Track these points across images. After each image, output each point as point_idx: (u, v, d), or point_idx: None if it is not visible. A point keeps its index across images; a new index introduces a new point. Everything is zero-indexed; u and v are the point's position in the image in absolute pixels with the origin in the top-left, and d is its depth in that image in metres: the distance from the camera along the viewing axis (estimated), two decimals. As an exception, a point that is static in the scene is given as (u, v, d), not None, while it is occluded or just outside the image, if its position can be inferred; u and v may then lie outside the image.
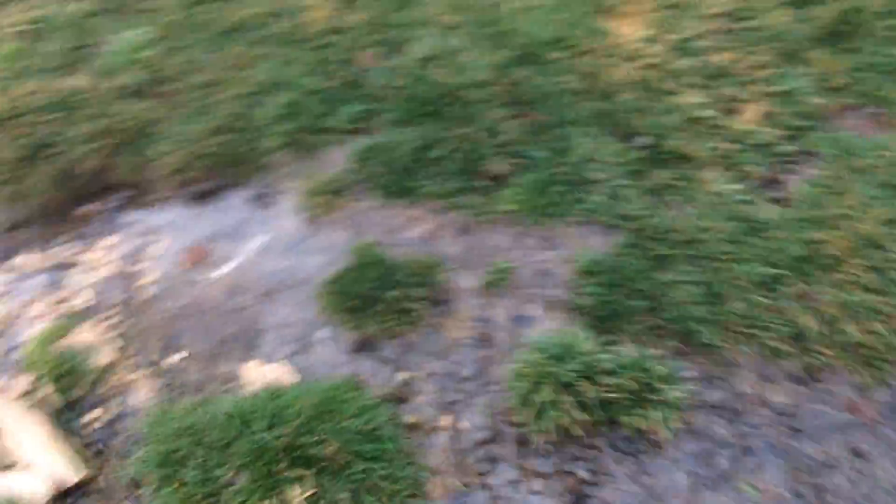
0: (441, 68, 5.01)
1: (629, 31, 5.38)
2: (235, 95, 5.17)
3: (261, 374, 3.73)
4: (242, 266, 4.30)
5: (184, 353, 3.93)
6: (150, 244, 4.60)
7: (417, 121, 4.75)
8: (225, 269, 4.31)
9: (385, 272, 3.98)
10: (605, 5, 5.59)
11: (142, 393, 3.81)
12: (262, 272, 4.24)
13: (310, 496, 3.21)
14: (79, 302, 4.31)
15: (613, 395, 3.37)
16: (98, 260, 4.57)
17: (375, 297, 3.90)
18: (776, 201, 4.25)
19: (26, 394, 3.83)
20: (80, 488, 3.49)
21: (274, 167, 4.80)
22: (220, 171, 4.86)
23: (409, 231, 4.27)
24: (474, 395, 3.62)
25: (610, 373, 3.41)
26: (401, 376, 3.70)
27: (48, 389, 3.81)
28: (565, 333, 3.57)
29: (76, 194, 5.00)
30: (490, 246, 4.16)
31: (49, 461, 3.51)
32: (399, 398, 3.64)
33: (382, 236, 4.25)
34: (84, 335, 4.04)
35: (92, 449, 3.65)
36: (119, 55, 5.43)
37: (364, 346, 3.82)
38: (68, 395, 3.82)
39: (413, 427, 3.54)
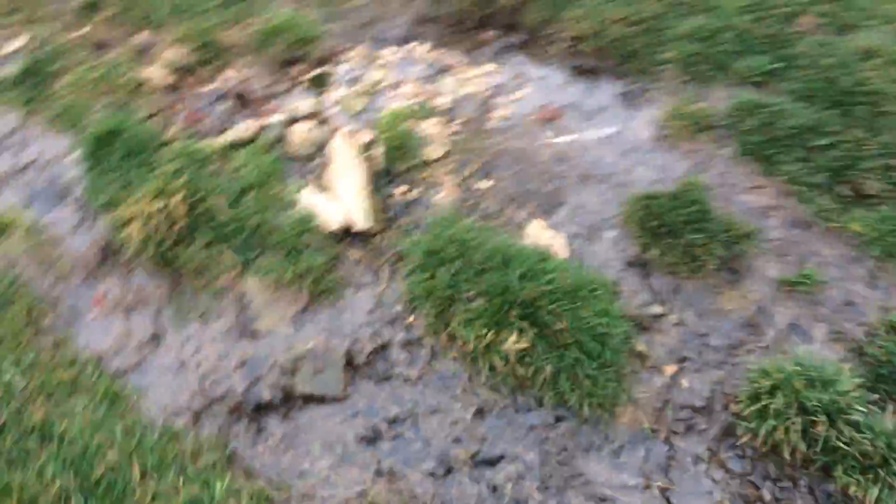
0: (874, 68, 4.57)
1: None
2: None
3: (541, 235, 3.93)
4: (580, 143, 4.45)
5: (492, 183, 4.23)
6: (518, 88, 4.91)
7: (819, 103, 4.43)
8: (564, 138, 4.50)
9: (701, 216, 3.90)
10: None
11: (444, 194, 4.20)
12: (593, 157, 4.36)
13: (520, 348, 3.40)
14: (438, 101, 4.77)
15: (845, 446, 3.10)
16: (471, 78, 4.98)
17: (678, 232, 3.86)
18: None
19: (363, 146, 4.40)
20: (360, 235, 4.01)
21: (658, 77, 4.81)
22: (609, 57, 4.98)
23: (746, 195, 4.11)
24: (709, 364, 3.52)
25: (855, 426, 3.12)
26: (656, 309, 3.69)
27: (379, 151, 4.35)
28: (833, 366, 3.30)
29: (484, 19, 5.43)
30: (813, 251, 3.88)
31: (351, 201, 4.06)
32: (642, 326, 3.65)
33: (719, 185, 4.14)
34: (427, 128, 4.49)
35: (385, 213, 4.14)
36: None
37: (640, 265, 3.85)
38: (391, 165, 4.32)
39: (639, 356, 3.55)
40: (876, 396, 3.34)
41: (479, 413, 3.40)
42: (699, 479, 3.23)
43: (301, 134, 4.50)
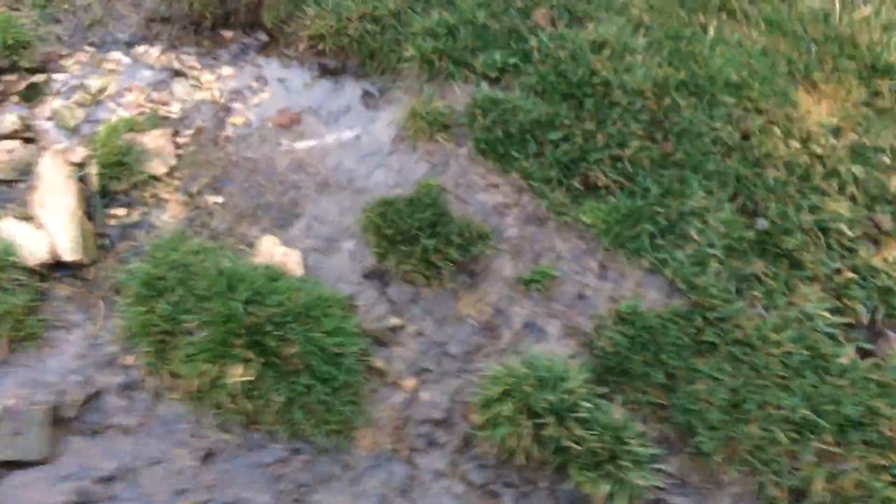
0: (605, 59, 4.70)
1: (818, 111, 4.87)
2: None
3: (273, 253, 3.70)
4: (319, 149, 4.26)
5: (223, 198, 3.95)
6: (257, 92, 4.64)
7: (552, 97, 4.50)
8: (303, 144, 4.29)
9: (436, 220, 3.83)
10: (810, 77, 5.08)
11: (168, 215, 3.86)
12: (333, 163, 4.19)
13: (247, 381, 3.18)
14: (167, 110, 4.40)
15: (575, 445, 3.14)
16: (206, 83, 4.65)
17: (414, 239, 3.76)
18: (862, 352, 3.78)
19: (76, 165, 3.96)
20: (70, 268, 3.59)
21: (400, 76, 4.70)
22: (351, 56, 4.82)
23: (482, 194, 4.09)
24: (448, 374, 3.46)
25: (583, 423, 3.17)
26: (393, 321, 3.58)
27: (94, 170, 3.93)
28: (561, 363, 3.33)
29: (222, 19, 5.08)
30: (548, 247, 3.92)
31: (57, 231, 3.62)
32: (381, 341, 3.52)
33: (455, 187, 4.09)
34: (152, 140, 4.12)
35: (101, 240, 3.74)
36: None
37: (378, 277, 3.72)
38: (107, 185, 3.92)
39: (376, 372, 3.43)
40: (605, 390, 3.42)
41: (208, 458, 3.12)
42: (440, 496, 3.16)
43: (4, 154, 3.99)
